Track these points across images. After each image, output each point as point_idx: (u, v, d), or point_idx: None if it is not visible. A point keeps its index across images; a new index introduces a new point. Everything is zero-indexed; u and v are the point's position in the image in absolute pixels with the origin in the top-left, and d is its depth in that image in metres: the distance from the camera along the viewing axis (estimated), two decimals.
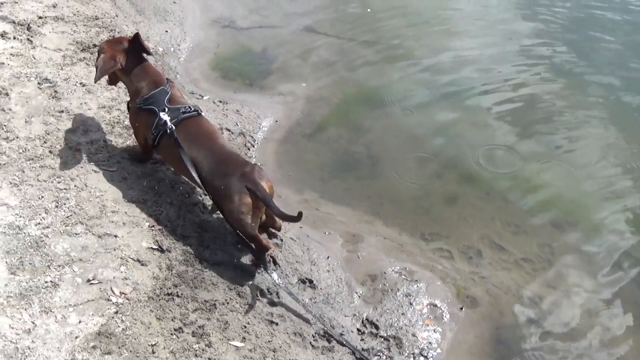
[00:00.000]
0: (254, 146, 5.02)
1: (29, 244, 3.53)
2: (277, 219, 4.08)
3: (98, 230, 3.76)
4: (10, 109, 4.41)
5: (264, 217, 3.94)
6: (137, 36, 4.18)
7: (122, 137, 4.50)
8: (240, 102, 5.41)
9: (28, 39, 5.13)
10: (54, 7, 5.65)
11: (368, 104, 5.78)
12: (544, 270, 4.44)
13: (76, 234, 3.69)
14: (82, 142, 4.36)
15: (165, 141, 3.97)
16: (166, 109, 3.98)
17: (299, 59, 6.16)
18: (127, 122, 4.56)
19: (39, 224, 3.66)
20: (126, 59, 4.16)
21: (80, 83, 4.84)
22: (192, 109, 4.07)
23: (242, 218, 3.74)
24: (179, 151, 3.86)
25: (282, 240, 4.19)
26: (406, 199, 4.87)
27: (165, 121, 3.93)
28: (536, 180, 5.13)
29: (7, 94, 4.51)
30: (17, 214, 3.67)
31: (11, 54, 4.89)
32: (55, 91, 4.68)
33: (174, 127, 3.92)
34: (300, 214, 3.65)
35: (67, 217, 3.77)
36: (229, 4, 6.75)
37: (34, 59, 4.94)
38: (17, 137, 4.20)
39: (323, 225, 4.52)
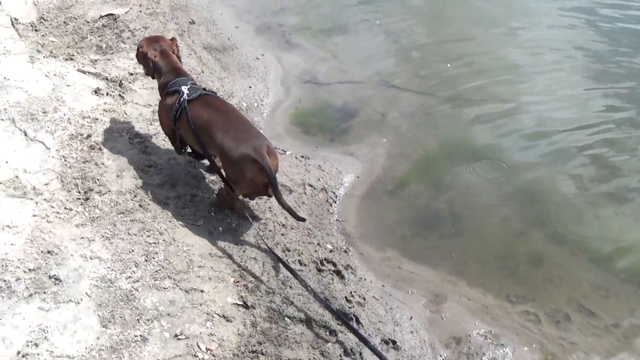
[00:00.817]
0: (335, 202, 5.04)
1: (120, 297, 3.62)
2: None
3: (185, 285, 3.82)
4: (103, 163, 4.57)
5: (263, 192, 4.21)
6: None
7: (209, 192, 4.59)
8: (322, 158, 5.45)
9: (120, 95, 5.34)
10: None
11: (449, 159, 5.73)
12: (636, 337, 4.26)
13: (164, 288, 3.76)
14: (170, 196, 4.47)
15: (183, 115, 4.28)
16: (186, 89, 4.33)
17: (379, 114, 6.18)
18: (212, 177, 4.68)
19: (130, 277, 3.75)
20: (160, 58, 4.59)
21: None
22: (212, 92, 4.53)
23: (241, 182, 4.12)
24: (188, 117, 4.23)
25: (364, 299, 4.16)
26: (490, 259, 4.77)
27: (184, 93, 4.29)
28: (624, 238, 4.95)
29: (100, 149, 4.68)
30: (108, 267, 3.78)
31: (104, 110, 5.09)
32: (145, 146, 4.84)
33: (187, 97, 4.27)
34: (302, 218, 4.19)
35: (156, 271, 3.84)
36: (310, 60, 6.86)
37: (126, 114, 5.13)
38: (110, 191, 4.35)
39: (405, 285, 4.46)
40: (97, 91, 5.30)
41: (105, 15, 6.44)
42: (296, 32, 7.36)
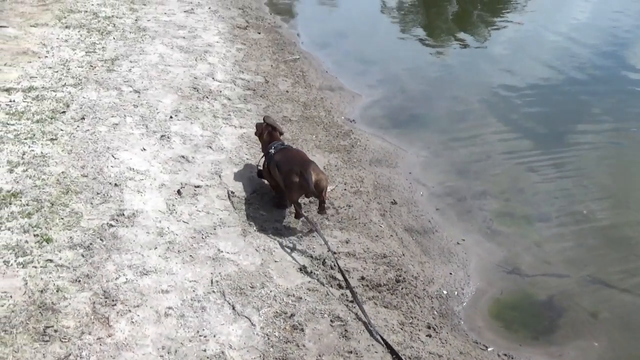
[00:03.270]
0: None
1: None
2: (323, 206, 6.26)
3: None
4: (304, 345, 4.55)
5: (310, 194, 6.11)
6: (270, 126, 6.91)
7: None
8: (526, 358, 5.08)
9: (324, 273, 5.40)
10: (347, 242, 5.98)
11: None
12: None
13: None
14: None
15: (271, 164, 6.40)
16: (274, 147, 6.52)
17: (589, 313, 5.73)
18: None
19: None
20: (266, 134, 6.81)
21: (368, 323, 4.90)
22: (286, 144, 6.67)
23: (292, 188, 6.00)
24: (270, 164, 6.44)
25: None
26: None
27: (272, 153, 6.44)
28: None
29: (302, 330, 4.68)
30: None
31: (308, 289, 5.15)
32: (345, 330, 4.78)
33: (273, 152, 6.45)
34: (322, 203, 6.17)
35: None
36: (513, 249, 6.60)
37: (328, 295, 5.14)
38: None
39: None
40: (302, 269, 5.41)
41: None
42: (497, 218, 7.17)
